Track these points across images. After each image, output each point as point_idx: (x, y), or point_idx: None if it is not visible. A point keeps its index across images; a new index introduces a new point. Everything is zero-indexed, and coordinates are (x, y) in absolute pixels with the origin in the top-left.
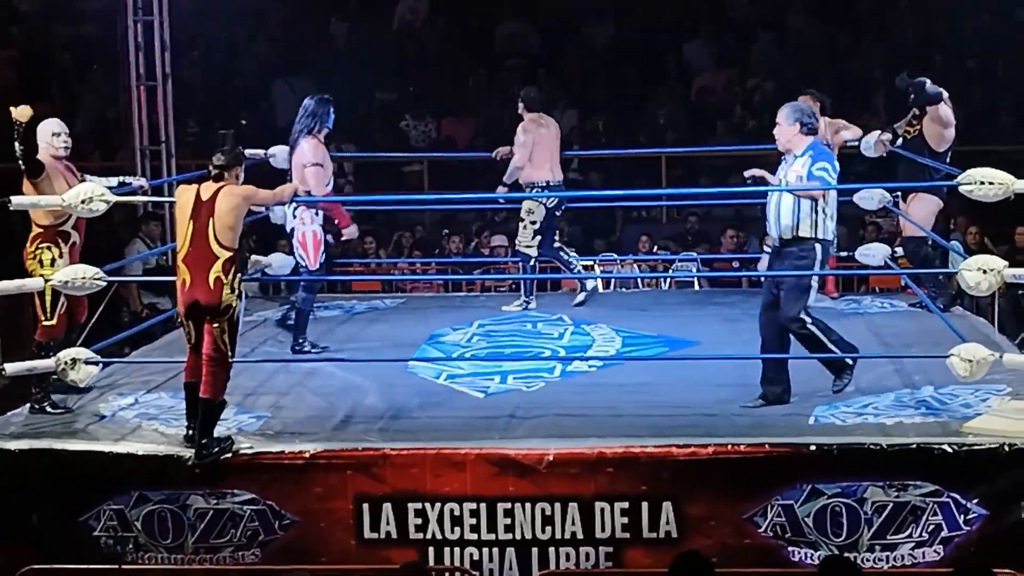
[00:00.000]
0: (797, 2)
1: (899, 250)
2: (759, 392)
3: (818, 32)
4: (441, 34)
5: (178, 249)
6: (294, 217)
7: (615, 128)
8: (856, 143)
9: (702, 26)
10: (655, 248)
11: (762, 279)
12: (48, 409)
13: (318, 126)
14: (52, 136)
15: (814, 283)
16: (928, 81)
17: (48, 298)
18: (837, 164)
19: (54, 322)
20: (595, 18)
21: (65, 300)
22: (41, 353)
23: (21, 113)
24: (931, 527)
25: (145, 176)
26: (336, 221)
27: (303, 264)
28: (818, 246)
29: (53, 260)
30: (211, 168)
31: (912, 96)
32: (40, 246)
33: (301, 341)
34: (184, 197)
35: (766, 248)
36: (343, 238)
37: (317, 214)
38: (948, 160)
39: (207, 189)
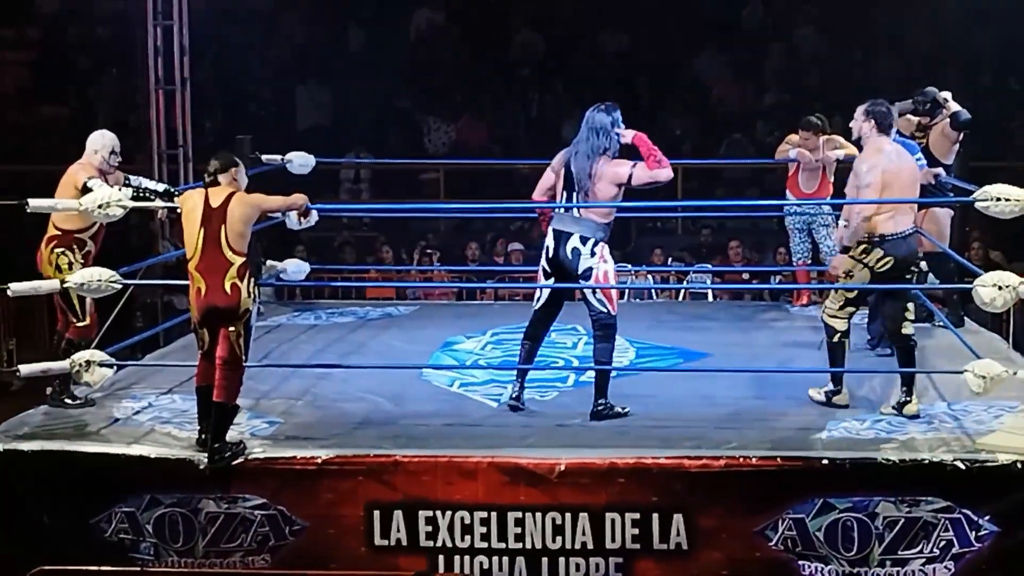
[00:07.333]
0: (810, 15)
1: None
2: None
3: (831, 45)
4: (456, 42)
5: (188, 257)
6: (592, 255)
7: None
8: (847, 161)
9: (715, 38)
10: (669, 260)
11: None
12: (67, 401)
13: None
14: (110, 154)
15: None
16: (936, 91)
17: (76, 299)
18: None
19: (87, 322)
20: (609, 28)
21: (93, 300)
22: (71, 350)
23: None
24: (942, 543)
25: (163, 180)
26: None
27: (602, 311)
28: None
29: (70, 264)
30: (206, 175)
31: (927, 107)
32: (55, 251)
33: (602, 402)
34: (190, 204)
35: None
36: None
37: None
38: (954, 172)
39: (216, 196)
